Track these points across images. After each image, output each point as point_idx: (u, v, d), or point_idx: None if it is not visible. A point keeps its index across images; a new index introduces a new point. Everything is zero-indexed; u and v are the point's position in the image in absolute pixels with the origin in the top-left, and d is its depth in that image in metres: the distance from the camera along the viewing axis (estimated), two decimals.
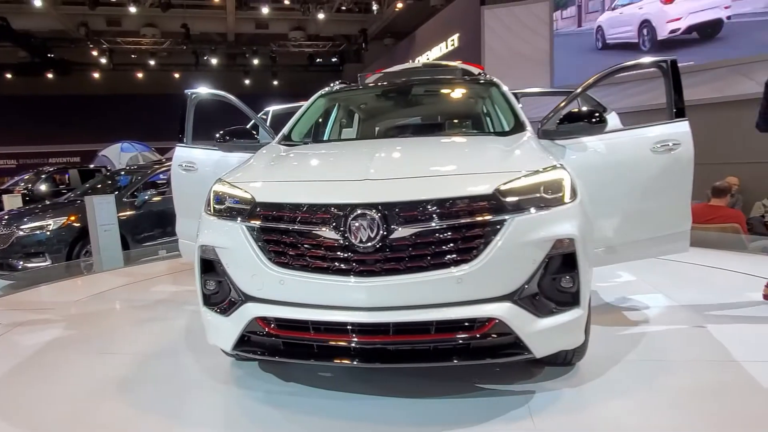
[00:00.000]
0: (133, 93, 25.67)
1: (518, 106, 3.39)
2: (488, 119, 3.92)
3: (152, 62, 24.20)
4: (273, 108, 7.14)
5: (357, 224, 2.12)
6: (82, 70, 24.97)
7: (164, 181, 8.27)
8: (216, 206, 2.47)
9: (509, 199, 2.17)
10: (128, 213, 7.24)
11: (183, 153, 4.30)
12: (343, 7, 19.60)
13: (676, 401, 2.33)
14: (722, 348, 2.91)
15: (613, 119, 4.44)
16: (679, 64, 3.48)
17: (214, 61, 24.32)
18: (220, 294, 2.44)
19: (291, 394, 2.55)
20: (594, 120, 3.07)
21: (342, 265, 2.16)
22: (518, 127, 3.13)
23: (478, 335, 2.14)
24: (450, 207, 2.14)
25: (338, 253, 2.17)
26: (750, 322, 3.33)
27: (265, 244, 2.27)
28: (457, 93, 4.13)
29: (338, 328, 2.20)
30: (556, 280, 2.21)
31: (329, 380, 2.70)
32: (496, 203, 2.15)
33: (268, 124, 6.48)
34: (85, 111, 25.09)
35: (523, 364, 2.69)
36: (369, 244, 2.11)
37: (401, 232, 2.12)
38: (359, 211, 2.13)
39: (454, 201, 2.15)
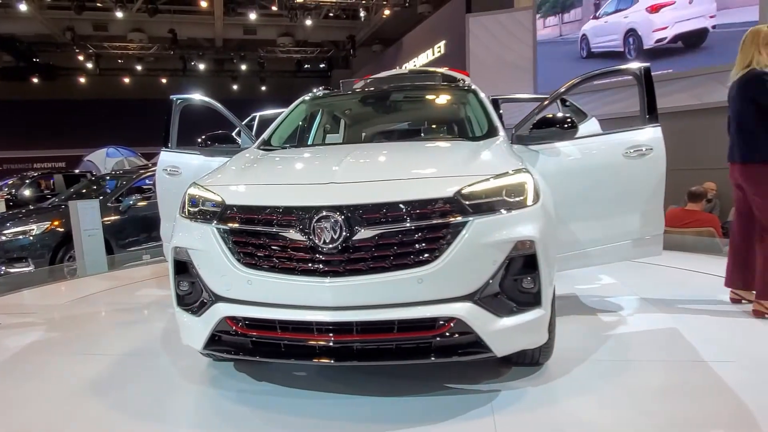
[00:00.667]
0: (119, 98, 25.55)
1: (493, 112, 3.45)
2: (464, 124, 3.98)
3: (139, 67, 24.14)
4: (260, 113, 7.20)
5: (321, 226, 2.18)
6: (68, 75, 24.84)
7: (149, 186, 8.27)
8: (190, 209, 2.53)
9: (470, 202, 2.23)
10: (113, 218, 7.22)
11: (168, 158, 4.35)
12: (331, 14, 19.73)
13: (642, 400, 2.38)
14: (692, 349, 2.97)
15: (593, 125, 4.53)
16: (657, 72, 3.58)
17: (201, 66, 24.31)
18: (193, 295, 2.49)
19: (263, 393, 2.60)
20: (566, 126, 3.15)
21: (307, 266, 2.22)
22: (491, 132, 3.20)
23: (439, 334, 2.20)
24: (411, 209, 2.20)
25: (303, 254, 2.23)
26: (720, 324, 3.42)
27: (234, 245, 2.33)
28: (436, 99, 4.20)
29: (304, 328, 2.26)
30: (518, 281, 2.26)
31: (302, 379, 2.75)
32: (456, 206, 2.21)
33: (255, 129, 6.53)
34: (71, 116, 24.91)
35: (493, 364, 2.74)
36: (332, 245, 2.18)
37: (364, 233, 2.19)
38: (323, 214, 2.19)
39: (415, 204, 2.20)
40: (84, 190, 8.51)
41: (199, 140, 3.68)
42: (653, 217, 3.48)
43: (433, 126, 4.26)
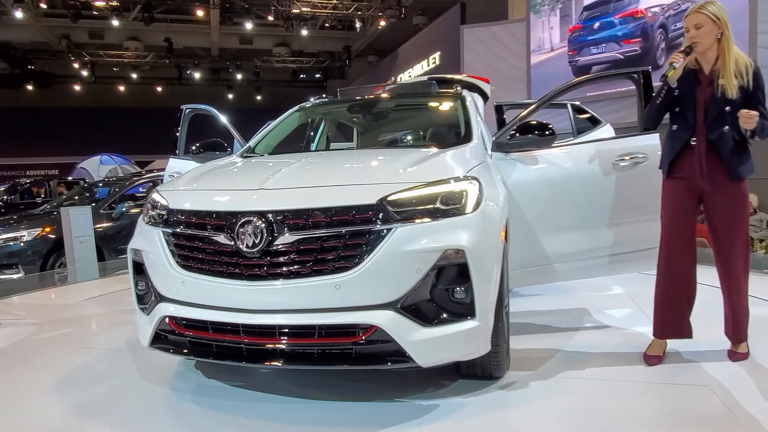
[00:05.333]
0: (114, 106, 25.53)
1: (474, 118, 3.35)
2: (443, 131, 3.88)
3: (134, 75, 24.13)
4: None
5: (244, 231, 2.23)
6: (63, 83, 24.80)
7: (143, 194, 8.25)
8: (150, 212, 2.62)
9: (397, 209, 2.21)
10: (105, 225, 7.19)
11: (174, 164, 4.51)
12: (327, 25, 19.82)
13: (594, 423, 2.22)
14: (670, 369, 2.77)
15: (607, 132, 4.44)
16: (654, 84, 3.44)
17: (197, 75, 24.34)
18: (148, 294, 2.57)
19: (208, 393, 2.68)
20: (546, 133, 3.09)
21: (232, 269, 2.27)
22: (465, 138, 3.15)
23: (360, 341, 2.19)
24: (332, 216, 2.20)
25: (229, 257, 2.28)
26: (708, 344, 3.07)
27: (174, 248, 2.43)
28: (423, 107, 4.20)
29: (231, 329, 2.30)
30: (449, 291, 2.23)
31: (260, 379, 2.81)
32: (380, 213, 2.20)
33: None
34: (65, 123, 24.83)
35: (451, 375, 2.67)
36: (255, 249, 2.21)
37: (285, 239, 2.21)
38: (246, 219, 2.24)
39: (336, 210, 2.21)
40: (76, 197, 8.47)
41: (193, 148, 3.79)
42: (649, 228, 3.28)
43: (412, 133, 4.27)
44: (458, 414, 2.33)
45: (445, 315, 2.23)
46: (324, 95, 4.51)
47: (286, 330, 2.23)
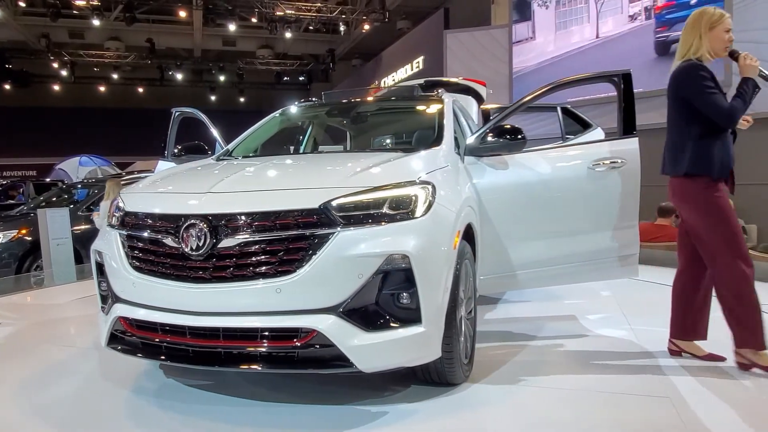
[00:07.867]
0: (94, 107, 25.19)
1: (448, 124, 3.29)
2: (417, 135, 3.86)
3: (115, 76, 23.84)
4: None
5: (188, 233, 2.26)
6: (42, 82, 24.40)
7: None
8: (114, 214, 2.65)
9: (341, 213, 2.22)
10: (83, 227, 7.09)
11: (163, 167, 4.48)
12: (311, 27, 19.81)
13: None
14: (647, 382, 2.70)
15: (598, 135, 4.37)
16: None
17: (179, 76, 24.12)
18: (109, 295, 2.60)
19: (171, 396, 2.66)
20: (518, 137, 3.07)
21: (177, 271, 2.30)
22: (435, 142, 3.11)
23: (301, 345, 2.19)
24: (275, 219, 2.22)
25: (174, 260, 2.32)
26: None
27: (128, 249, 2.48)
28: (402, 111, 4.20)
29: (177, 331, 2.32)
30: (393, 296, 2.22)
31: (224, 381, 2.80)
32: (323, 217, 2.21)
33: None
34: (44, 124, 24.44)
35: (405, 380, 2.66)
36: (199, 252, 2.24)
37: (228, 242, 2.24)
38: (190, 222, 2.27)
39: (278, 214, 2.22)
40: (54, 199, 8.34)
41: (175, 150, 3.78)
42: (627, 235, 3.28)
43: (390, 137, 4.28)
44: (408, 420, 2.32)
45: (389, 320, 2.22)
46: (312, 98, 4.51)
47: (229, 333, 2.24)
